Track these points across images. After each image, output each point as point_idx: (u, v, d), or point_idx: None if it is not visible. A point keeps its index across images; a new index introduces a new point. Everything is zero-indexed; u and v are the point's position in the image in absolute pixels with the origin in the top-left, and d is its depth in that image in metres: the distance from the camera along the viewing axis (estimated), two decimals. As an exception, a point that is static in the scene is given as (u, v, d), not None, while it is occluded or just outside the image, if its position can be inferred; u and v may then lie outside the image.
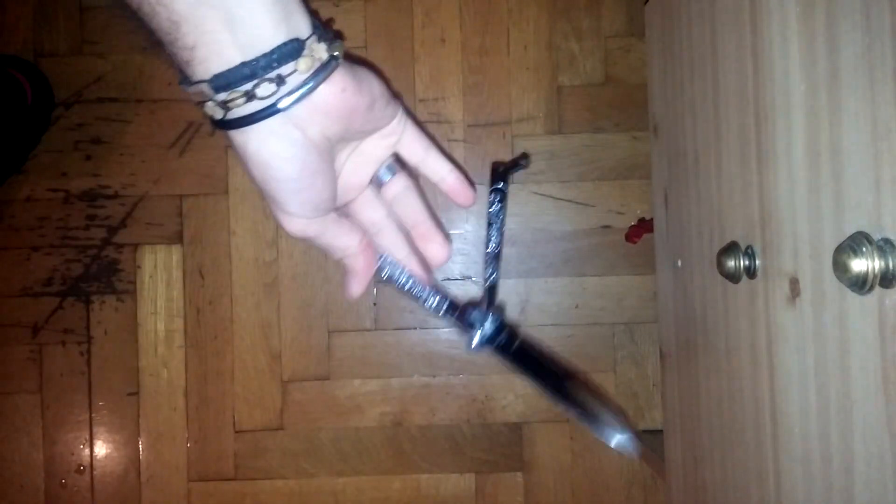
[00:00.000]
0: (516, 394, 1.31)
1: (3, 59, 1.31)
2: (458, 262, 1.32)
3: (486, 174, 1.33)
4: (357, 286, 0.46)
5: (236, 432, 1.32)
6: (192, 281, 1.33)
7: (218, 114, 0.36)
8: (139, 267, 1.33)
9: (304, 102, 0.36)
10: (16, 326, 1.32)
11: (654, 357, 1.30)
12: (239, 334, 1.33)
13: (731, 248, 0.62)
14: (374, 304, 1.32)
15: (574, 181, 1.33)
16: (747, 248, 0.60)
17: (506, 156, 1.33)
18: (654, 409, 1.31)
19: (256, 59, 0.35)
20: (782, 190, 0.54)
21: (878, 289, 0.40)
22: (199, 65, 0.35)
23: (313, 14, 0.38)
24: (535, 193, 1.32)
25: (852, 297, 0.43)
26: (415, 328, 1.32)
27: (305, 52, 0.36)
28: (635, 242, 1.29)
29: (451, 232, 1.32)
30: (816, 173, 0.48)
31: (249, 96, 0.35)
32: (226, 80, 0.35)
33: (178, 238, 1.33)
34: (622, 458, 1.31)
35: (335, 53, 0.37)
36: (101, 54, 1.34)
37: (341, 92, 0.38)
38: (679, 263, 0.82)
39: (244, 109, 0.36)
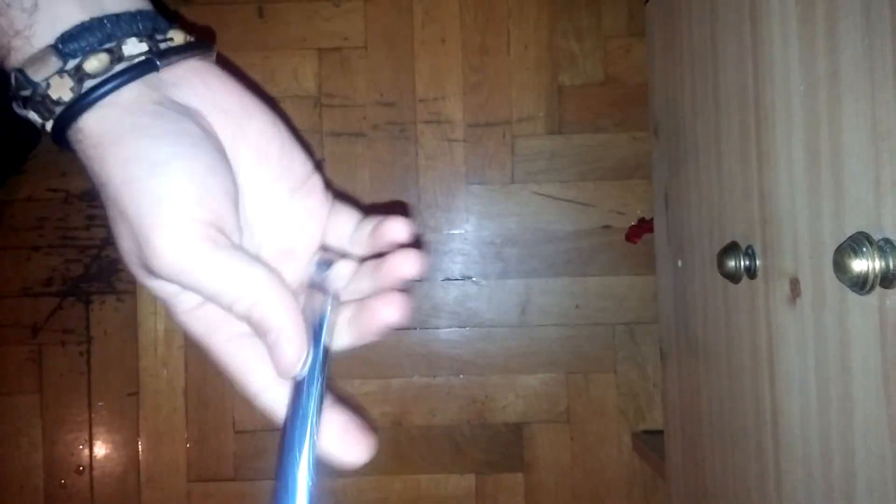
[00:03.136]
0: (517, 394, 1.31)
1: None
2: (459, 262, 1.32)
3: (487, 174, 1.33)
4: (292, 350, 0.29)
5: (236, 433, 1.32)
6: (192, 281, 1.33)
7: (67, 90, 0.28)
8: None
9: (182, 71, 0.30)
10: (15, 326, 1.32)
11: (655, 357, 1.30)
12: (239, 334, 1.32)
13: (731, 249, 0.62)
14: (375, 304, 1.32)
15: (574, 181, 1.32)
16: (748, 248, 0.60)
17: (507, 155, 1.33)
18: (654, 409, 1.31)
19: (118, 15, 0.29)
20: (783, 190, 0.54)
21: (878, 289, 0.40)
22: (41, 30, 0.28)
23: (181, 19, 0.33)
24: (536, 193, 1.32)
25: (853, 298, 0.43)
26: (415, 328, 1.32)
27: (173, 27, 0.30)
28: (636, 242, 1.29)
29: (450, 232, 1.32)
30: (816, 173, 0.48)
31: (113, 54, 0.28)
32: (81, 38, 0.28)
33: (178, 238, 1.33)
34: (623, 459, 1.31)
35: (208, 43, 0.32)
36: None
37: (224, 74, 0.32)
38: (680, 263, 0.82)
39: (106, 72, 0.28)
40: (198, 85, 0.30)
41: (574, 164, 1.32)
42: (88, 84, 0.28)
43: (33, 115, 0.29)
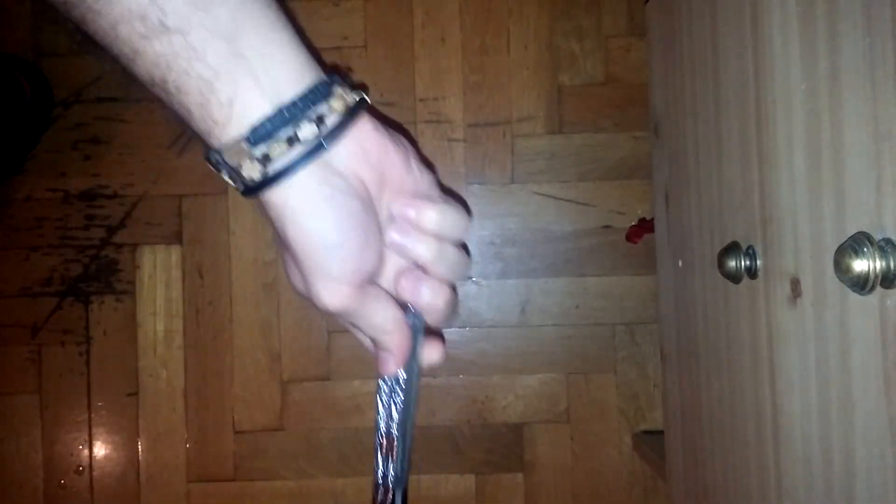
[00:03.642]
0: (516, 394, 1.31)
1: (3, 59, 1.31)
2: (458, 262, 1.32)
3: (487, 174, 1.33)
4: (394, 365, 0.42)
5: (236, 433, 1.32)
6: (191, 281, 1.33)
7: (256, 173, 0.35)
8: (138, 267, 1.33)
9: (345, 141, 0.36)
10: (15, 327, 1.32)
11: (655, 357, 1.30)
12: (238, 335, 1.33)
13: (732, 249, 0.62)
14: (374, 304, 1.32)
15: (574, 181, 1.32)
16: (748, 248, 0.60)
17: (507, 155, 1.33)
18: (654, 409, 1.31)
19: (293, 102, 0.34)
20: (783, 190, 0.54)
21: (879, 289, 0.40)
22: (235, 122, 0.34)
23: (333, 67, 0.37)
24: (536, 193, 1.32)
25: (853, 298, 0.43)
26: (415, 328, 1.32)
27: (335, 91, 0.36)
28: (636, 242, 1.29)
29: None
30: (817, 173, 0.48)
31: (291, 141, 0.34)
32: (266, 130, 0.34)
33: (177, 238, 1.33)
34: (623, 459, 1.31)
35: (362, 95, 0.37)
36: (101, 54, 1.33)
37: (375, 131, 0.37)
38: (680, 263, 0.82)
39: (286, 158, 0.35)
40: (353, 148, 0.37)
41: (574, 164, 1.32)
42: (273, 168, 0.35)
43: (226, 178, 0.37)
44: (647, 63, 0.94)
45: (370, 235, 0.38)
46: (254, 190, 0.36)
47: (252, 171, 0.35)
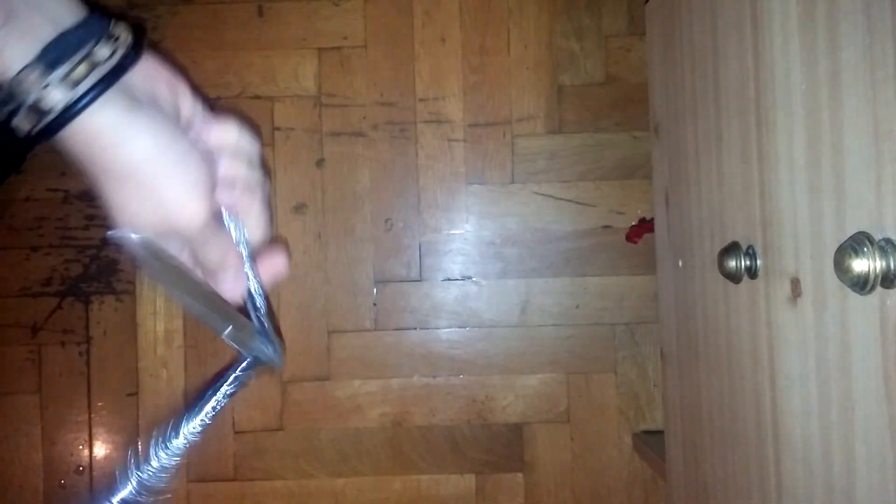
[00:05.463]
0: (516, 394, 1.31)
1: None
2: (459, 262, 1.32)
3: (487, 174, 1.33)
4: (237, 284, 0.43)
5: (236, 433, 1.32)
6: (191, 281, 1.33)
7: (61, 94, 0.32)
8: (139, 267, 1.33)
9: (140, 62, 0.35)
10: (15, 327, 1.32)
11: (655, 357, 1.30)
12: (239, 334, 1.32)
13: (732, 249, 0.62)
14: (374, 304, 1.32)
15: (574, 181, 1.32)
16: (748, 248, 0.60)
17: (507, 155, 1.33)
18: (654, 409, 1.31)
19: (78, 25, 0.33)
20: (783, 190, 0.54)
21: (879, 289, 0.40)
22: (18, 46, 0.31)
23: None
24: (536, 193, 1.32)
25: (853, 298, 0.43)
26: (415, 328, 1.32)
27: (116, 22, 0.35)
28: (636, 242, 1.29)
29: (450, 232, 1.32)
30: (817, 173, 0.48)
31: (90, 61, 0.32)
32: (59, 50, 0.32)
33: (177, 238, 1.33)
34: (623, 459, 1.31)
35: (140, 25, 0.37)
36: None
37: (159, 59, 0.37)
38: (680, 263, 0.82)
39: (91, 78, 0.32)
40: (148, 69, 0.36)
41: (574, 164, 1.32)
42: (80, 90, 0.32)
43: (19, 123, 0.33)
44: (647, 63, 0.94)
45: (191, 144, 0.37)
46: (58, 122, 0.33)
47: (57, 95, 0.32)
